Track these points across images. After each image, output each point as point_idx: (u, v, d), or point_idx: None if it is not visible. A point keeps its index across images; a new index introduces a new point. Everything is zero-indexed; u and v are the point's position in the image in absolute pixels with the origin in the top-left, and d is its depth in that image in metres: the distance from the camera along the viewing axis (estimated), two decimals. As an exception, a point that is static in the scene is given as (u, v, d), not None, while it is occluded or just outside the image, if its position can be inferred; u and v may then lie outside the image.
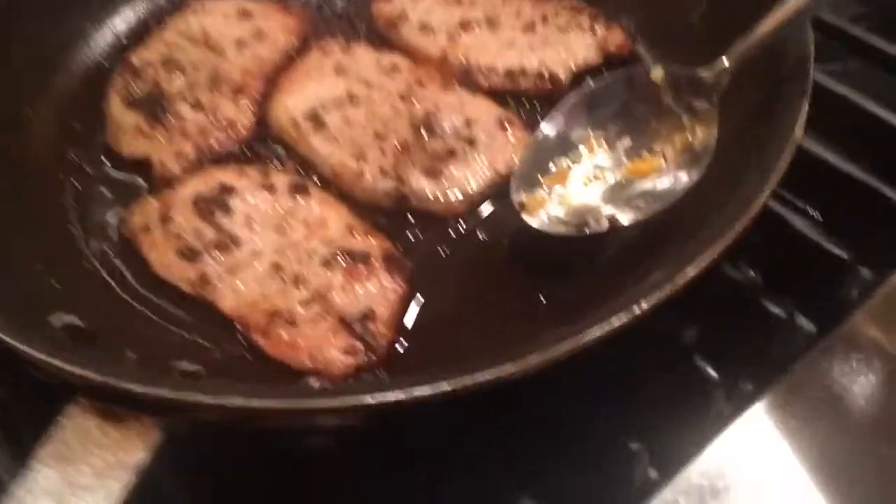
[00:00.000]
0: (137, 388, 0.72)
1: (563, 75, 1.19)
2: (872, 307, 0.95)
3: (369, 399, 0.71)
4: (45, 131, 1.17)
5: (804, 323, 1.00)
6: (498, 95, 1.18)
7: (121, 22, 1.30)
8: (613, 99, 1.04)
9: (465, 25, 1.24)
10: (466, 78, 1.20)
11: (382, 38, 1.27)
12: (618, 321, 0.76)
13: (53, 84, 1.21)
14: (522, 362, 0.73)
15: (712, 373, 0.97)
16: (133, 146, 1.17)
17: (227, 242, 1.02)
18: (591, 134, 1.04)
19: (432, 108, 1.14)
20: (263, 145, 1.17)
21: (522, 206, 1.00)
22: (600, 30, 1.22)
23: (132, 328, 0.97)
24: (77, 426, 0.73)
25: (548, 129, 1.05)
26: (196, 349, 0.95)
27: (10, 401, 0.96)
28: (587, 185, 1.02)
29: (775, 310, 1.01)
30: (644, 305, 0.77)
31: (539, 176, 1.03)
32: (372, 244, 1.02)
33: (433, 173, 1.07)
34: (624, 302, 0.79)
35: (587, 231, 0.97)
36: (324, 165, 1.13)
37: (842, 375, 0.91)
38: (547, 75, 1.18)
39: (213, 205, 1.06)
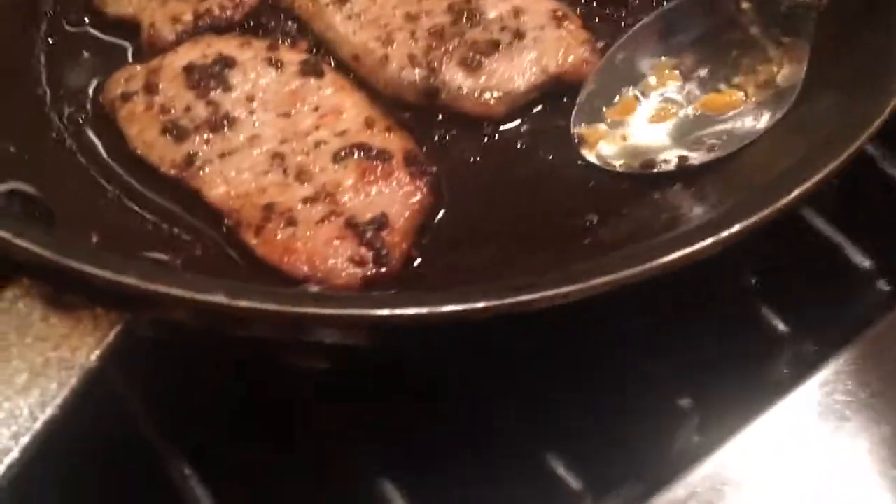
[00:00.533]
0: (97, 272, 0.57)
1: None
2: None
3: (389, 312, 0.57)
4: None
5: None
6: None
7: None
8: (692, 24, 0.92)
9: None
10: None
11: None
12: (689, 248, 0.63)
13: None
14: (578, 283, 0.59)
15: (780, 325, 0.84)
16: (120, 4, 1.00)
17: (221, 122, 0.87)
18: (664, 62, 0.91)
19: None
20: (273, 17, 0.99)
21: (582, 138, 0.89)
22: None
23: (98, 209, 0.82)
24: (16, 312, 0.58)
25: (617, 53, 0.92)
26: (172, 241, 0.80)
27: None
28: (656, 119, 0.89)
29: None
30: (730, 230, 0.63)
31: (603, 108, 0.90)
32: (393, 141, 0.86)
33: (472, 66, 0.91)
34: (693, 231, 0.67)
35: (653, 171, 0.85)
36: (343, 46, 0.96)
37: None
38: None
39: (208, 77, 0.89)
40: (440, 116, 0.92)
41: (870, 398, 0.77)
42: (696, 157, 0.85)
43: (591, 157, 0.88)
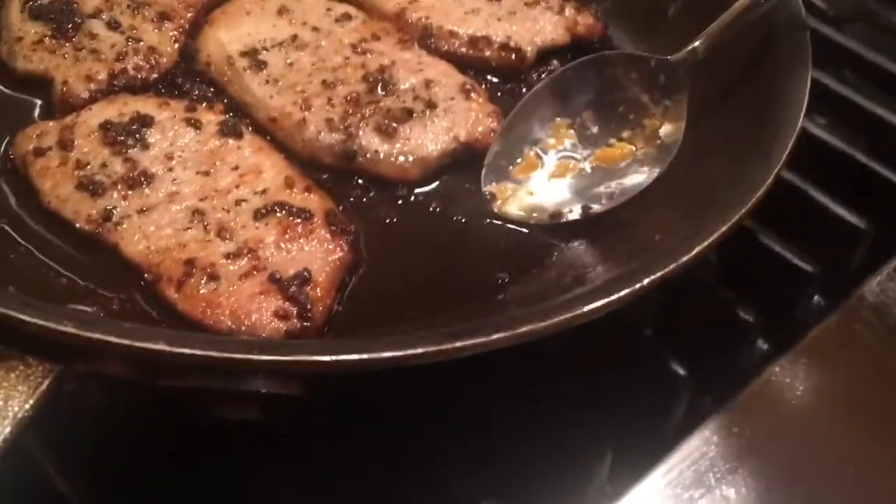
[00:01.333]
0: (32, 320, 0.56)
1: (528, 50, 1.08)
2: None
3: (330, 358, 0.57)
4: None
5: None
6: (457, 64, 1.05)
7: None
8: (582, 87, 0.98)
9: None
10: (425, 40, 1.07)
11: None
12: (605, 298, 0.66)
13: None
14: (514, 329, 0.62)
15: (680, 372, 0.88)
16: (31, 61, 0.99)
17: (139, 179, 0.87)
18: (560, 122, 0.98)
19: (388, 63, 1.01)
20: (188, 80, 1.01)
21: (493, 196, 0.93)
22: (570, 10, 1.12)
23: (10, 262, 0.79)
24: None
25: (517, 116, 0.97)
26: (88, 296, 0.78)
27: None
28: (557, 174, 0.95)
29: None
30: (644, 282, 0.67)
31: (509, 167, 0.95)
32: (313, 201, 0.88)
33: (387, 132, 0.94)
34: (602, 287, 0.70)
35: (561, 220, 0.90)
36: (260, 109, 0.98)
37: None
38: (512, 47, 1.07)
39: (126, 134, 0.90)
40: (356, 179, 0.94)
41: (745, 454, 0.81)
42: (597, 207, 0.90)
43: (502, 212, 0.92)
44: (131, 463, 0.76)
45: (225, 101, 0.99)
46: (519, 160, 0.96)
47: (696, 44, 0.94)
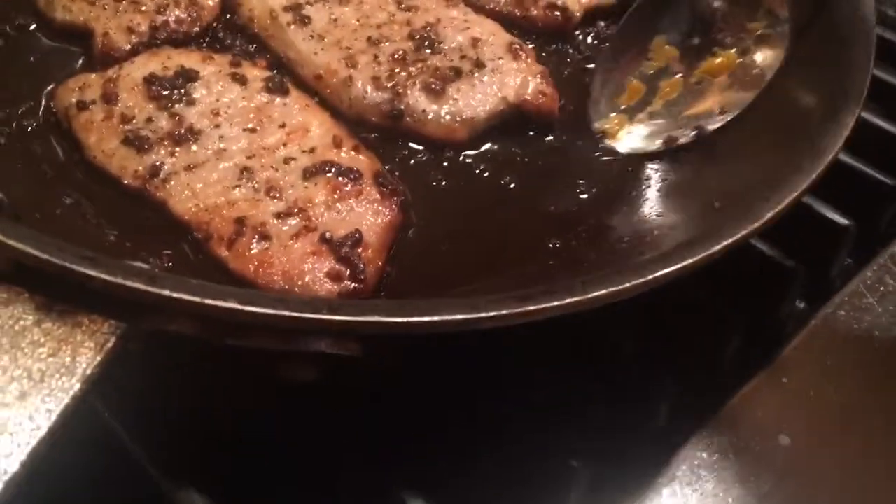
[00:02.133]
0: (103, 276, 0.55)
1: (575, 10, 1.05)
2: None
3: (402, 319, 0.57)
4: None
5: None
6: (502, 23, 1.02)
7: None
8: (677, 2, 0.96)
9: None
10: None
11: None
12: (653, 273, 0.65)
13: None
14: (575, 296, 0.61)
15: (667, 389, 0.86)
16: (70, 11, 0.98)
17: (185, 135, 0.85)
18: (659, 39, 0.96)
19: (434, 20, 0.99)
20: (230, 35, 1.00)
21: (604, 133, 0.94)
22: None
23: (61, 219, 0.78)
24: (7, 319, 0.55)
25: (615, 42, 0.97)
26: (137, 252, 0.75)
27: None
28: (665, 95, 0.94)
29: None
30: (717, 246, 0.65)
31: (614, 98, 0.95)
32: (361, 161, 0.87)
33: (435, 91, 0.92)
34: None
35: (677, 143, 0.90)
36: (305, 66, 0.97)
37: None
38: (559, 6, 1.04)
39: (170, 89, 0.88)
40: (402, 140, 0.92)
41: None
42: (710, 126, 0.89)
43: (619, 146, 0.92)
44: (196, 420, 0.75)
45: (268, 56, 0.98)
46: (625, 88, 0.95)
47: None
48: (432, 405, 0.78)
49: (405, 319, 0.59)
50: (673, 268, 0.67)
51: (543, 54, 1.04)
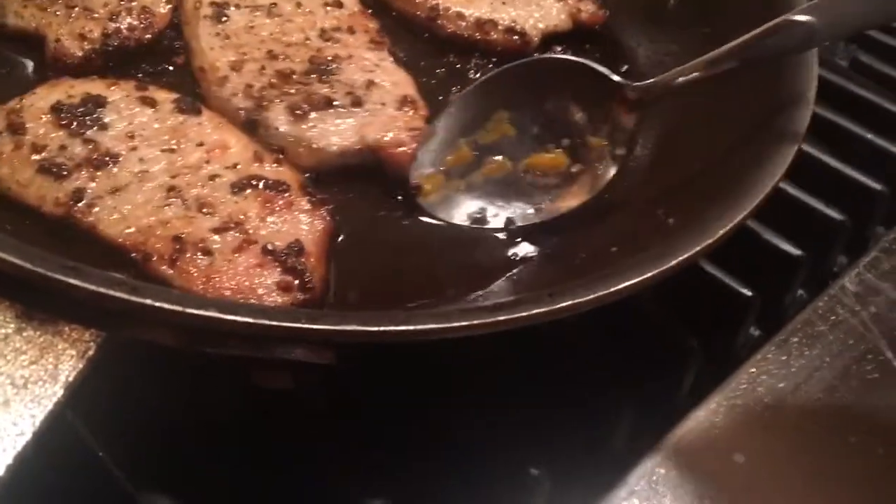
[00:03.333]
0: (83, 285, 0.64)
1: (534, 34, 1.22)
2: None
3: (376, 328, 0.70)
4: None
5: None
6: (463, 45, 1.22)
7: None
8: (532, 84, 1.08)
9: None
10: (430, 19, 1.22)
11: None
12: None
13: None
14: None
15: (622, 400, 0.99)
16: (22, 17, 1.09)
17: (104, 159, 0.95)
18: (501, 115, 1.08)
19: (344, 55, 1.11)
20: (178, 38, 1.13)
21: (419, 188, 1.02)
22: None
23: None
24: None
25: (459, 104, 1.08)
26: None
27: None
28: (488, 172, 1.05)
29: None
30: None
31: (441, 157, 1.05)
32: (285, 173, 0.98)
33: (297, 114, 1.03)
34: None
35: (483, 226, 1.02)
36: (197, 57, 1.10)
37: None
38: (518, 31, 1.22)
39: (80, 115, 0.98)
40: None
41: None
42: (520, 223, 1.01)
43: (425, 205, 1.02)
44: (171, 433, 0.84)
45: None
46: (453, 150, 1.05)
47: (669, 75, 1.02)
48: (394, 415, 0.89)
49: (382, 328, 0.70)
50: (632, 281, 0.79)
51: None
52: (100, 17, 1.09)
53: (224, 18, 1.13)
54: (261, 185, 0.96)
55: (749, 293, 1.08)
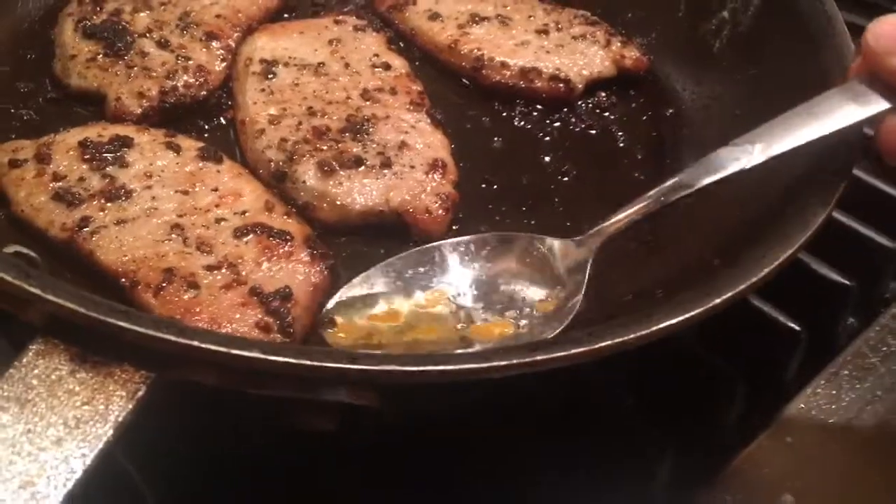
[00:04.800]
0: (131, 328, 0.76)
1: (578, 81, 1.34)
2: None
3: (418, 368, 0.80)
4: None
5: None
6: (507, 93, 1.35)
7: None
8: (474, 258, 1.15)
9: (475, 18, 1.42)
10: (475, 69, 1.35)
11: (384, 19, 1.46)
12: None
13: (8, 9, 1.36)
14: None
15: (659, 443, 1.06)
16: (85, 78, 1.25)
17: (117, 193, 1.07)
18: (444, 287, 1.12)
19: (381, 115, 1.23)
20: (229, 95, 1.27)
21: (332, 322, 1.05)
22: (616, 44, 1.39)
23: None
24: (43, 369, 0.76)
25: (398, 261, 1.13)
26: None
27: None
28: (423, 335, 1.08)
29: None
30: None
31: (366, 308, 1.09)
32: (292, 225, 1.08)
33: (325, 170, 1.15)
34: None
35: None
36: (241, 111, 1.23)
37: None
38: (562, 78, 1.33)
39: (104, 152, 1.11)
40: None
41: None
42: None
43: (333, 342, 1.03)
44: (215, 474, 0.96)
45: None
46: (381, 307, 1.09)
47: (602, 226, 1.10)
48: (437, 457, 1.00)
49: (421, 368, 0.78)
50: (676, 320, 0.85)
51: (547, 121, 1.33)
52: (157, 75, 1.24)
53: (271, 75, 1.27)
54: (264, 232, 1.07)
55: (797, 327, 1.14)
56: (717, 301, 0.90)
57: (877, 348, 1.16)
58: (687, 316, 0.88)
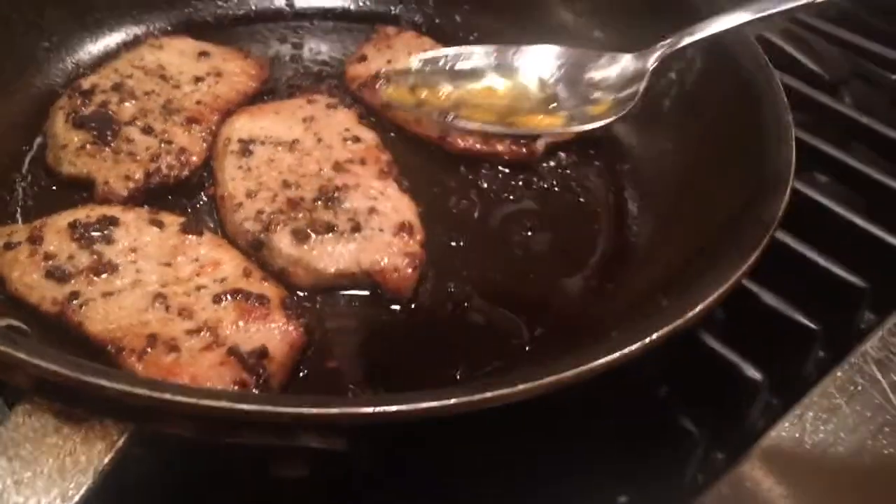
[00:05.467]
0: (112, 386, 0.83)
1: (538, 145, 1.45)
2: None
3: (373, 409, 0.85)
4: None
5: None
6: (472, 157, 1.46)
7: (83, 53, 1.60)
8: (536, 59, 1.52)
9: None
10: (441, 138, 1.46)
11: (355, 97, 1.55)
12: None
13: (6, 107, 1.47)
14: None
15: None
16: (75, 165, 1.35)
17: (104, 268, 1.15)
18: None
19: (352, 184, 1.32)
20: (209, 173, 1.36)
21: (387, 79, 1.51)
22: None
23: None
24: (29, 426, 0.85)
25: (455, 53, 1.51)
26: None
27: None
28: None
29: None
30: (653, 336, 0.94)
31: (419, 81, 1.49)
32: (269, 288, 1.17)
33: (299, 237, 1.24)
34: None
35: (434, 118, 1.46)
36: (220, 186, 1.33)
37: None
38: (522, 142, 1.45)
39: (92, 231, 1.20)
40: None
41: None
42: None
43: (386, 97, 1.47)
44: None
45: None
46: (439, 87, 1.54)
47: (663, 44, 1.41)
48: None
49: (376, 410, 0.84)
50: (619, 353, 0.93)
51: (511, 183, 1.43)
52: (142, 159, 1.34)
53: (248, 153, 1.37)
54: (242, 297, 1.15)
55: (759, 376, 1.19)
56: (655, 336, 0.99)
57: (844, 388, 1.22)
58: (629, 350, 0.98)
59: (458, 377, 1.16)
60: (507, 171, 1.46)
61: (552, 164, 1.49)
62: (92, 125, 1.38)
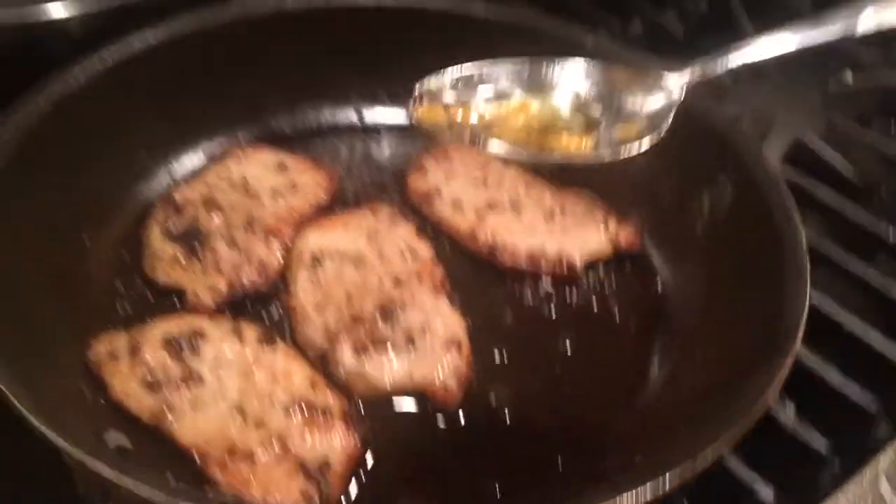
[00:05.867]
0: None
1: (578, 263, 1.56)
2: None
3: None
4: (98, 260, 1.57)
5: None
6: (518, 273, 1.59)
7: (176, 164, 1.75)
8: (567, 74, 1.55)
9: (491, 206, 1.64)
10: (490, 254, 1.58)
11: (414, 208, 1.67)
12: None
13: (110, 218, 1.63)
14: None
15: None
16: (169, 276, 1.51)
17: (192, 380, 1.32)
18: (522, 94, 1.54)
19: (408, 300, 1.46)
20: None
21: (420, 98, 1.50)
22: (612, 224, 1.62)
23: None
24: None
25: (487, 67, 1.54)
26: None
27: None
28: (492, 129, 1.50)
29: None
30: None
31: (451, 100, 1.52)
32: (332, 399, 1.33)
33: (359, 351, 1.39)
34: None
35: (475, 145, 1.50)
36: (291, 298, 1.47)
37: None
38: (564, 261, 1.56)
39: (183, 344, 1.37)
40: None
41: None
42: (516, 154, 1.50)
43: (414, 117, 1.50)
44: None
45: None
46: (471, 102, 1.54)
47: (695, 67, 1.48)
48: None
49: None
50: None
51: (554, 299, 1.57)
52: (226, 271, 1.51)
53: (318, 266, 1.52)
54: (308, 408, 1.32)
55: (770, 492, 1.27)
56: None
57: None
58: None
59: (498, 491, 1.31)
60: (549, 286, 1.61)
61: (592, 278, 1.65)
62: (184, 238, 1.55)
